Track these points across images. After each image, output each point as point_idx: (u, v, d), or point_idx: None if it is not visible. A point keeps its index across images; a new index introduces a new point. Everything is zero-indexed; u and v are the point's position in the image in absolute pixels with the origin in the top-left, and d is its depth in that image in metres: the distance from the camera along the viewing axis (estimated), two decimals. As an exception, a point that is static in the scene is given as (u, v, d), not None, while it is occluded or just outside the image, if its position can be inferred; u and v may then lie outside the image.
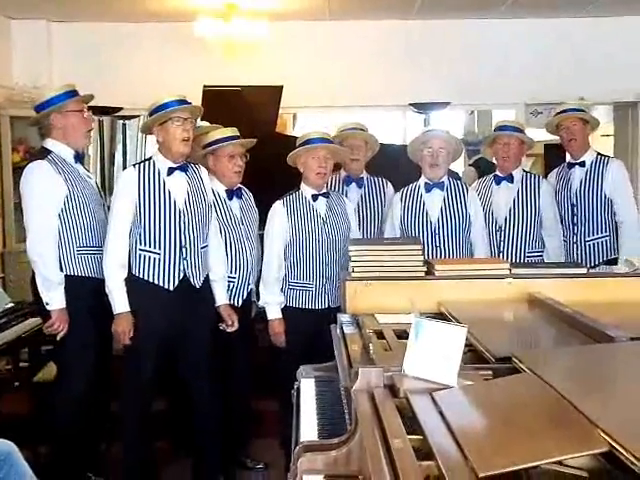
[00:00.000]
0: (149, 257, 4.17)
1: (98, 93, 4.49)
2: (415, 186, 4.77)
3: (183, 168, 4.24)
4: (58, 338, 4.19)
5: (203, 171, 4.40)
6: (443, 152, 4.66)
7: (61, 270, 4.19)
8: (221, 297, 4.46)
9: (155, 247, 4.17)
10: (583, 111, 5.08)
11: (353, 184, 5.04)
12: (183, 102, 4.21)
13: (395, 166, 5.20)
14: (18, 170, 6.97)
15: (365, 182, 5.09)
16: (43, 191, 4.18)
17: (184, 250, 4.20)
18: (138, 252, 4.18)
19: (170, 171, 4.20)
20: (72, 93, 4.33)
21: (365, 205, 5.04)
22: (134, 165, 4.30)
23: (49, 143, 4.31)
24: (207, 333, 4.32)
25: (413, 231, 4.68)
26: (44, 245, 4.16)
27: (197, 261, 4.25)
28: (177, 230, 4.18)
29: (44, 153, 4.28)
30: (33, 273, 4.24)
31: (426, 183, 4.71)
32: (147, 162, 4.24)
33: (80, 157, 4.41)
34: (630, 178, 5.31)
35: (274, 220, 4.56)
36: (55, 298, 4.15)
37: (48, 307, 4.15)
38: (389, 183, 5.15)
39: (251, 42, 6.77)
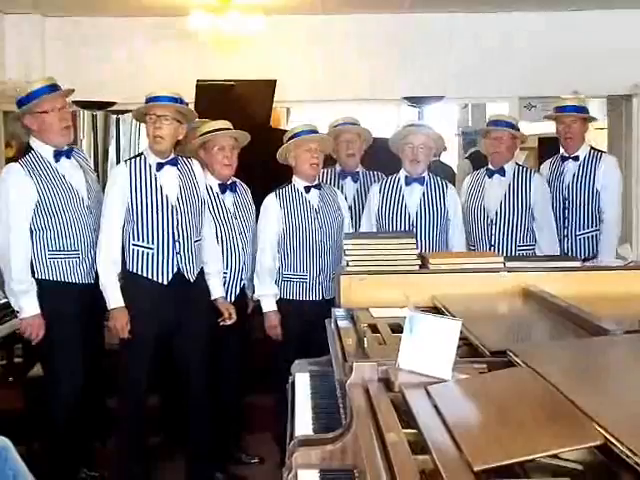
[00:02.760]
0: (142, 252, 4.16)
1: (91, 87, 4.49)
2: (395, 178, 4.79)
3: (173, 162, 4.23)
4: (33, 343, 4.15)
5: (195, 164, 4.38)
6: (423, 148, 4.68)
7: (33, 274, 4.11)
8: (217, 291, 4.45)
9: (148, 242, 4.16)
10: (583, 109, 5.06)
11: (348, 178, 5.04)
12: (163, 99, 4.14)
13: (388, 159, 5.19)
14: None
15: (360, 176, 5.09)
16: (13, 197, 4.07)
17: (177, 244, 4.19)
18: (131, 247, 4.17)
19: (160, 166, 4.18)
20: (44, 89, 4.13)
21: (360, 199, 5.02)
22: (125, 161, 4.28)
23: (32, 140, 4.22)
24: (202, 327, 4.30)
25: (390, 223, 4.70)
26: (12, 253, 4.06)
27: (191, 255, 4.24)
28: (170, 225, 4.16)
29: (25, 152, 4.20)
30: None
31: (406, 176, 4.74)
32: (138, 158, 4.22)
33: (64, 153, 4.21)
34: (624, 171, 5.33)
35: (267, 213, 4.58)
36: (26, 306, 4.08)
37: (19, 315, 4.09)
38: (384, 177, 5.10)
39: (244, 36, 6.75)
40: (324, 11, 7.62)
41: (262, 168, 4.95)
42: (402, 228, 4.62)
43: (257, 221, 4.69)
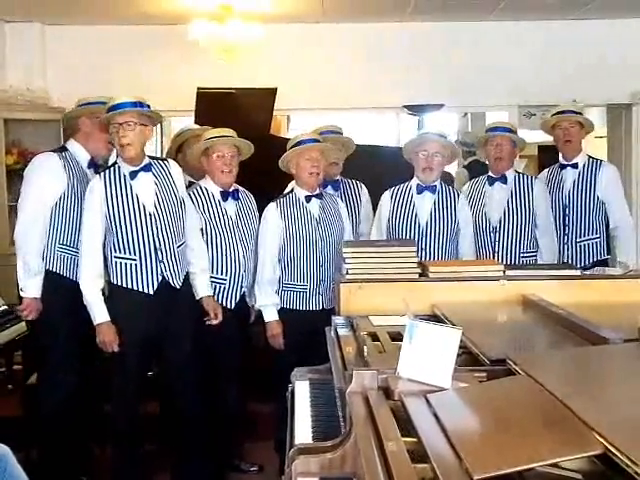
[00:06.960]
0: (125, 264, 4.13)
1: (92, 96, 4.47)
2: (407, 187, 4.75)
3: (147, 168, 4.17)
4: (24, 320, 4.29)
5: (172, 165, 4.33)
6: (438, 157, 4.63)
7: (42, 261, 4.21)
8: (202, 290, 4.42)
9: (130, 253, 4.13)
10: (581, 114, 5.11)
11: (329, 187, 5.02)
12: (123, 105, 4.09)
13: (387, 167, 5.20)
14: (11, 172, 6.99)
15: (340, 185, 5.09)
16: (44, 182, 4.22)
17: (159, 253, 4.15)
18: (114, 260, 4.14)
19: (133, 174, 4.14)
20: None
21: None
22: (99, 173, 4.22)
23: (69, 143, 4.38)
24: (189, 333, 4.28)
25: (400, 232, 4.66)
26: (31, 232, 4.19)
27: (174, 262, 4.20)
28: (150, 234, 4.13)
29: (61, 149, 4.36)
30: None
31: (418, 185, 4.69)
32: (112, 168, 4.17)
33: (95, 165, 4.40)
34: (624, 180, 5.35)
35: (267, 222, 4.56)
36: (30, 286, 4.18)
37: (22, 293, 4.19)
38: (363, 186, 5.16)
39: (245, 44, 6.76)
40: (325, 20, 7.64)
41: (261, 176, 4.95)
42: (412, 237, 4.57)
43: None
